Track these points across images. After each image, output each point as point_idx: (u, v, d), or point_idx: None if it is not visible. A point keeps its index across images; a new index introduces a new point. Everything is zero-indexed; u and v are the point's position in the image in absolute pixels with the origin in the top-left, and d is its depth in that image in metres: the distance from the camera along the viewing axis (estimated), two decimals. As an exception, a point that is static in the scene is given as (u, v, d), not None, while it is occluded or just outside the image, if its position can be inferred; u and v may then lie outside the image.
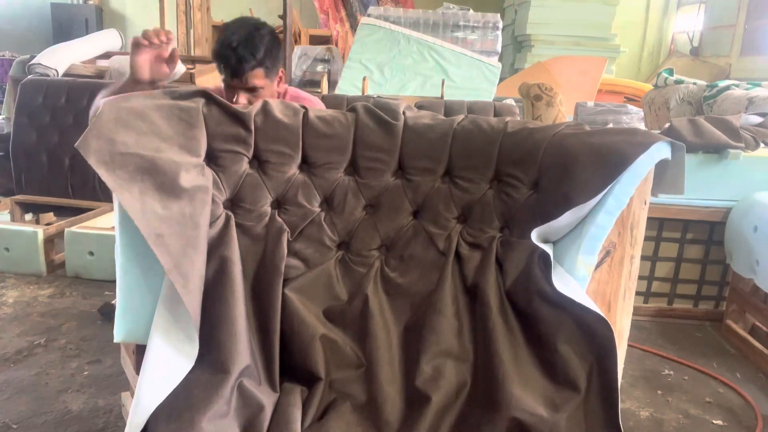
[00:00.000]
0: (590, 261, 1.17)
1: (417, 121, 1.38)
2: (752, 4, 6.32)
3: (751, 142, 2.45)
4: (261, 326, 1.22)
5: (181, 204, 1.15)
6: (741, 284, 2.43)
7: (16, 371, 2.01)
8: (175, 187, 1.15)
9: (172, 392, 1.03)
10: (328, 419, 1.11)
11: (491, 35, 4.61)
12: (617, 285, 1.24)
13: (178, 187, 1.16)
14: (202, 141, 1.26)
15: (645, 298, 2.67)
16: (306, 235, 1.34)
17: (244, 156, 1.31)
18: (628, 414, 1.92)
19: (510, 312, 1.19)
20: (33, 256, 2.84)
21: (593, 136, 1.24)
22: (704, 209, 2.49)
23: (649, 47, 7.85)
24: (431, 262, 1.31)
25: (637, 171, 1.15)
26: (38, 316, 2.43)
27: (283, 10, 4.53)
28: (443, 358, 1.18)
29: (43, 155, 3.27)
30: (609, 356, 1.06)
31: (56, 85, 3.33)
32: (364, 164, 1.37)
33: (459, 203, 1.34)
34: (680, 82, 3.83)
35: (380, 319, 1.26)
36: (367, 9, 5.03)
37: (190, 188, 1.17)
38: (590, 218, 1.16)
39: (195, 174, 1.21)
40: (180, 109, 1.24)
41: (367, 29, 4.32)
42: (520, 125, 1.35)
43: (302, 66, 4.80)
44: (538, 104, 3.36)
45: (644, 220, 1.23)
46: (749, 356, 2.33)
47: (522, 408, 1.03)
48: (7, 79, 4.06)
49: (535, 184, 1.28)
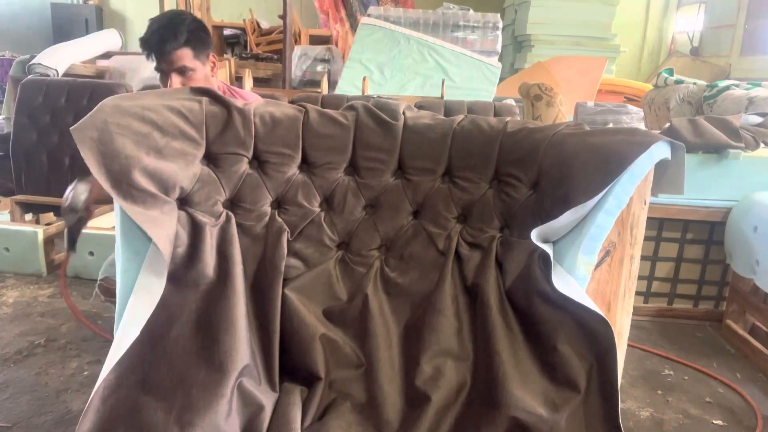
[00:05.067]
0: (590, 261, 1.17)
1: (417, 121, 1.38)
2: (752, 4, 6.31)
3: (751, 142, 2.45)
4: (261, 326, 1.22)
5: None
6: (741, 284, 2.43)
7: (16, 371, 2.01)
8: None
9: (172, 392, 1.03)
10: (328, 419, 1.11)
11: (491, 35, 4.61)
12: (617, 285, 1.24)
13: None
14: (201, 140, 1.26)
15: (645, 298, 2.67)
16: (306, 235, 1.35)
17: (244, 156, 1.32)
18: (628, 414, 1.92)
19: (510, 312, 1.19)
20: (33, 256, 2.84)
21: (593, 135, 1.24)
22: (704, 209, 2.49)
23: (649, 47, 7.84)
24: (431, 262, 1.31)
25: (637, 171, 1.15)
26: (38, 316, 2.43)
27: (283, 10, 4.53)
28: (443, 358, 1.18)
29: (43, 155, 3.27)
30: (609, 356, 1.06)
31: (56, 85, 3.33)
32: (364, 164, 1.37)
33: (459, 203, 1.35)
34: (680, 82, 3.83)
35: (380, 318, 1.26)
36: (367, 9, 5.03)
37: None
38: (590, 218, 1.16)
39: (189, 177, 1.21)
40: (182, 106, 1.25)
41: (367, 29, 4.31)
42: (519, 125, 1.35)
43: (302, 66, 4.80)
44: (538, 104, 3.35)
45: (644, 219, 1.23)
46: (749, 356, 2.33)
47: (522, 408, 1.03)
48: (7, 79, 4.06)
49: (534, 183, 1.28)
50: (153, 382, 1.04)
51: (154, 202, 1.16)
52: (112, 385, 1.02)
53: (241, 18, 6.33)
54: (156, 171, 1.17)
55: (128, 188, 1.13)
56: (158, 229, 1.13)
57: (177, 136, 1.23)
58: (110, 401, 1.00)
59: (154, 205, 1.16)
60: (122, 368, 1.04)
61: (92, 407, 0.98)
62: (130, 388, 1.03)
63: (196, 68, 1.74)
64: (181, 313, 1.14)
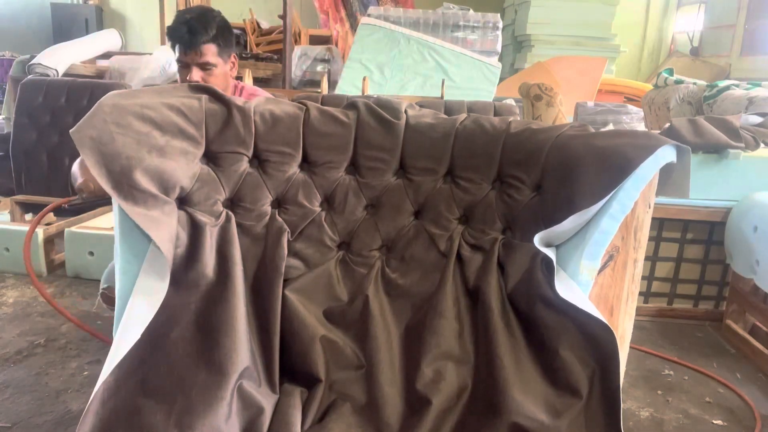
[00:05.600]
0: (593, 266, 1.15)
1: (419, 120, 1.37)
2: (752, 4, 6.31)
3: (751, 142, 2.45)
4: (261, 327, 1.22)
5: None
6: (741, 284, 2.43)
7: (16, 371, 2.00)
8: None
9: (172, 394, 1.03)
10: (328, 421, 1.10)
11: (491, 35, 4.61)
12: (620, 289, 1.22)
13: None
14: (201, 138, 1.26)
15: (645, 298, 2.67)
16: (306, 235, 1.34)
17: (244, 155, 1.31)
18: (628, 414, 1.92)
19: (511, 315, 1.18)
20: (33, 256, 2.83)
21: (597, 138, 1.23)
22: (704, 209, 2.49)
23: (649, 47, 7.84)
24: (432, 263, 1.31)
25: (643, 175, 1.13)
26: (38, 316, 2.43)
27: (283, 10, 4.53)
28: (444, 361, 1.17)
29: (43, 155, 3.27)
30: (611, 362, 1.06)
31: (56, 85, 3.33)
32: (365, 163, 1.36)
33: (461, 204, 1.34)
34: (680, 82, 3.82)
35: (381, 320, 1.25)
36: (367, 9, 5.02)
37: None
38: (594, 223, 1.15)
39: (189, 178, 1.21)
40: (181, 104, 1.24)
41: (367, 29, 4.31)
42: (523, 125, 1.34)
43: (302, 66, 4.79)
44: (538, 104, 3.35)
45: (648, 223, 1.21)
46: (749, 356, 2.33)
47: (523, 413, 1.03)
48: (7, 79, 4.06)
49: (537, 185, 1.27)
50: (152, 384, 1.04)
51: (155, 203, 1.15)
52: (111, 387, 1.01)
53: (241, 18, 6.32)
54: (157, 171, 1.16)
55: (130, 189, 1.12)
56: (160, 231, 1.13)
57: (177, 135, 1.22)
58: (110, 404, 1.00)
59: (155, 205, 1.15)
60: (122, 370, 1.03)
61: (92, 410, 0.98)
62: (129, 391, 1.02)
63: (218, 65, 1.75)
64: (180, 314, 1.13)
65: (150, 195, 1.14)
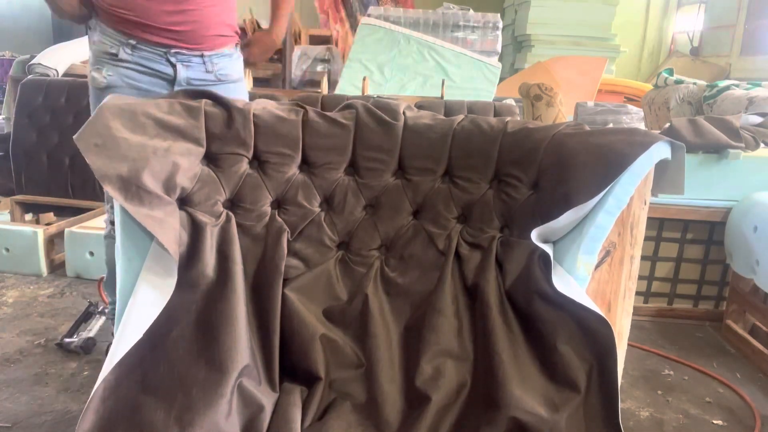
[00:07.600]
0: (590, 261, 1.17)
1: (417, 121, 1.38)
2: (752, 4, 6.31)
3: (751, 142, 2.45)
4: (261, 326, 1.22)
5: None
6: (741, 284, 2.43)
7: (16, 371, 2.01)
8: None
9: (172, 392, 1.03)
10: (328, 419, 1.11)
11: (491, 35, 4.61)
12: (617, 285, 1.24)
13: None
14: (202, 140, 1.27)
15: (645, 298, 2.67)
16: (306, 235, 1.35)
17: (244, 156, 1.32)
18: (628, 414, 1.92)
19: (510, 312, 1.19)
20: (33, 256, 2.84)
21: (593, 135, 1.24)
22: (704, 209, 2.49)
23: (649, 47, 7.84)
24: (431, 262, 1.31)
25: (637, 171, 1.15)
26: (38, 316, 2.43)
27: (283, 10, 4.52)
28: (443, 358, 1.18)
29: (43, 155, 3.27)
30: (609, 356, 1.06)
31: (56, 85, 3.33)
32: (364, 164, 1.37)
33: (459, 203, 1.34)
34: (680, 82, 3.83)
35: (380, 319, 1.26)
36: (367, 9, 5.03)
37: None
38: (590, 218, 1.16)
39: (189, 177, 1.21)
40: (183, 107, 1.25)
41: (367, 29, 4.31)
42: (519, 125, 1.35)
43: (302, 66, 4.79)
44: (538, 104, 3.35)
45: (644, 220, 1.23)
46: (749, 356, 2.33)
47: (522, 408, 1.03)
48: (7, 79, 4.06)
49: (534, 183, 1.28)
50: (153, 382, 1.04)
51: (159, 203, 1.16)
52: (111, 385, 1.02)
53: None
54: (161, 172, 1.17)
55: (137, 190, 1.13)
56: (165, 232, 1.13)
57: (179, 137, 1.24)
58: (110, 401, 1.00)
59: (159, 206, 1.16)
60: (122, 368, 1.04)
61: (92, 407, 0.98)
62: (129, 388, 1.03)
63: None
64: (181, 313, 1.13)
65: (155, 196, 1.15)
